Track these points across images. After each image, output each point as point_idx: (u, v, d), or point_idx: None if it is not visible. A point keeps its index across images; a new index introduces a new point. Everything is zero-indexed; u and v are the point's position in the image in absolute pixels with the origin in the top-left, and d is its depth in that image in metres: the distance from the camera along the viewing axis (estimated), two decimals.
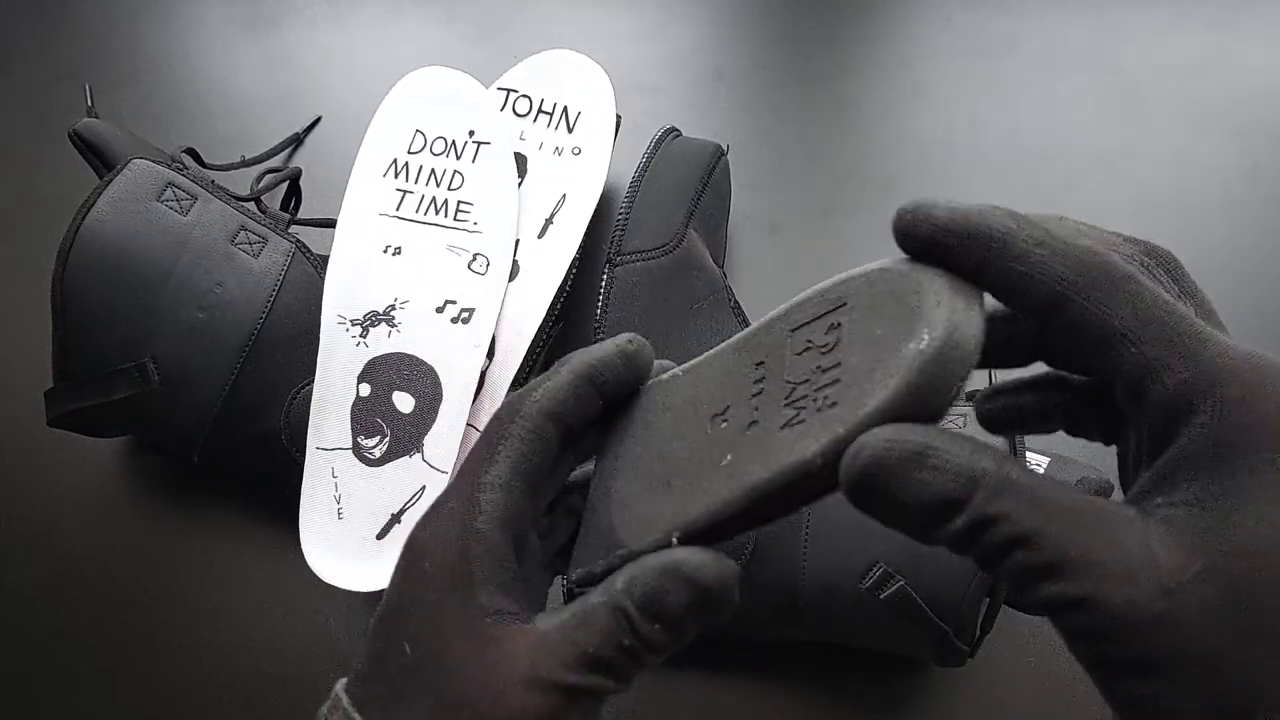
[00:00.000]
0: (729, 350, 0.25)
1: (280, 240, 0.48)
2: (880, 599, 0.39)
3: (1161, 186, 0.57)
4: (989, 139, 0.59)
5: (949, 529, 0.19)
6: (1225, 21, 0.63)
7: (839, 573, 0.40)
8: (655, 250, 0.48)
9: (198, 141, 0.52)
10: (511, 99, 0.51)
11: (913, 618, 0.39)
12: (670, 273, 0.47)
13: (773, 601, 0.41)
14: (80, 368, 0.44)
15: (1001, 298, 0.21)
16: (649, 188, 0.49)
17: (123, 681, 0.47)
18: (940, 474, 0.19)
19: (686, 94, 0.63)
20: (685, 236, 0.49)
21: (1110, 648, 0.18)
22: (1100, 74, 0.61)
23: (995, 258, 0.20)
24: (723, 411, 0.24)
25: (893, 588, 0.39)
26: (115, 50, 0.68)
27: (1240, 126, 0.59)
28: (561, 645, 0.22)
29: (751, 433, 0.23)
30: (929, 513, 0.19)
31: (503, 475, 0.24)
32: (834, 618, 0.41)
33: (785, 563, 0.41)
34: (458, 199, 0.48)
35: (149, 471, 0.52)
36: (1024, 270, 0.20)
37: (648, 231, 0.48)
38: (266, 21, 0.69)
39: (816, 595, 0.41)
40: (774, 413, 0.22)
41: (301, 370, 0.45)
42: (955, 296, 0.20)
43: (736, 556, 0.41)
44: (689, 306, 0.47)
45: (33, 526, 0.51)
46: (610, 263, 0.47)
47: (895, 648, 0.42)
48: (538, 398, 0.25)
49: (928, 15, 0.65)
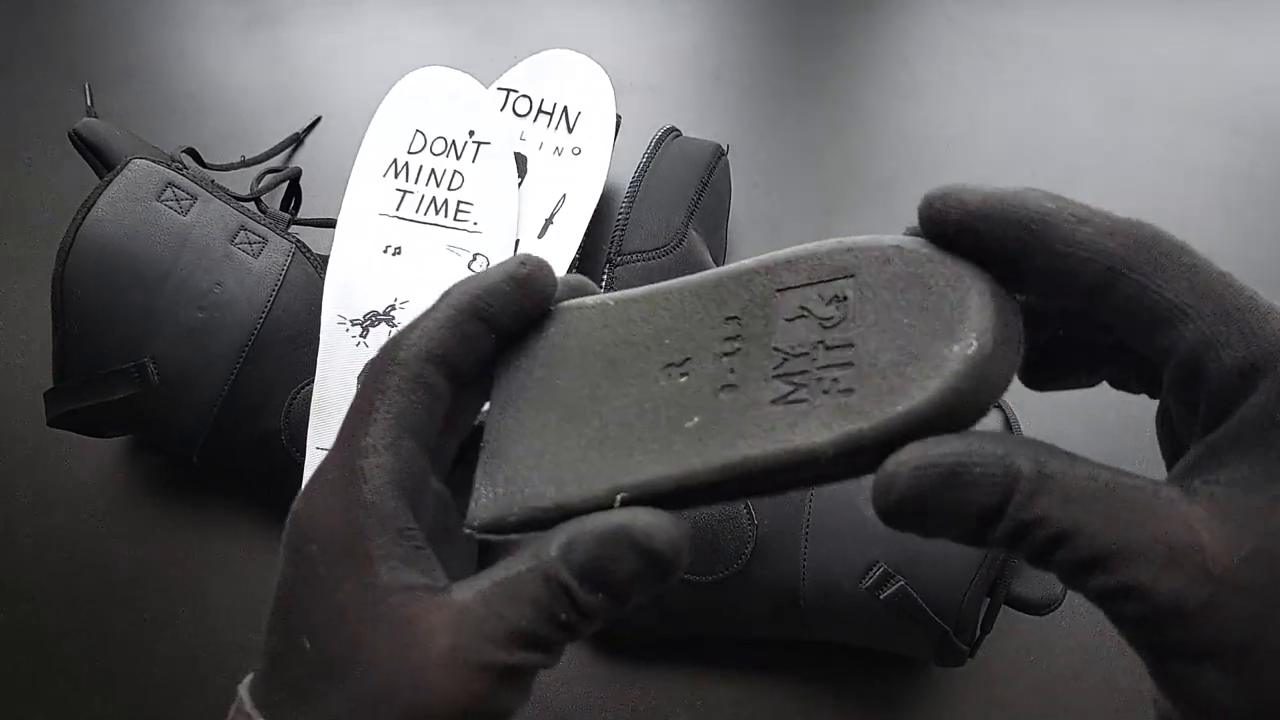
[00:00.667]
0: (686, 292, 0.22)
1: (280, 240, 0.48)
2: (880, 599, 0.39)
3: (1160, 186, 0.57)
4: (989, 139, 0.59)
5: (991, 537, 0.18)
6: (1225, 21, 0.63)
7: (839, 572, 0.40)
8: (655, 250, 0.48)
9: (198, 141, 0.52)
10: (511, 99, 0.51)
11: (913, 617, 0.39)
12: (671, 273, 0.47)
13: (773, 601, 0.41)
14: (80, 368, 0.44)
15: (1044, 284, 0.20)
16: (649, 188, 0.49)
17: (122, 681, 0.47)
18: (976, 489, 0.18)
19: (686, 94, 0.63)
20: (686, 236, 0.48)
21: (1158, 634, 0.18)
22: (1100, 74, 0.61)
23: (1038, 240, 0.19)
24: (680, 363, 0.21)
25: (893, 588, 0.39)
26: (115, 50, 0.68)
27: (1239, 126, 0.59)
28: (486, 620, 0.20)
29: (728, 397, 0.20)
30: (968, 529, 0.18)
31: (386, 434, 0.21)
32: (834, 617, 0.41)
33: (785, 562, 0.41)
34: (458, 199, 0.48)
35: (149, 471, 0.52)
36: (1069, 250, 0.19)
37: (648, 232, 0.48)
38: (266, 21, 0.69)
39: (817, 595, 0.41)
40: (760, 381, 0.20)
41: (301, 370, 0.45)
42: (999, 298, 0.19)
43: (736, 558, 0.41)
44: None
45: (33, 526, 0.51)
46: (610, 263, 0.47)
47: (895, 647, 0.42)
48: (414, 340, 0.22)
49: (928, 15, 0.65)
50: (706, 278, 0.22)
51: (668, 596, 0.41)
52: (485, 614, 0.20)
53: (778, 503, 0.41)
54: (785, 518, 0.41)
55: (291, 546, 0.22)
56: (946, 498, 0.18)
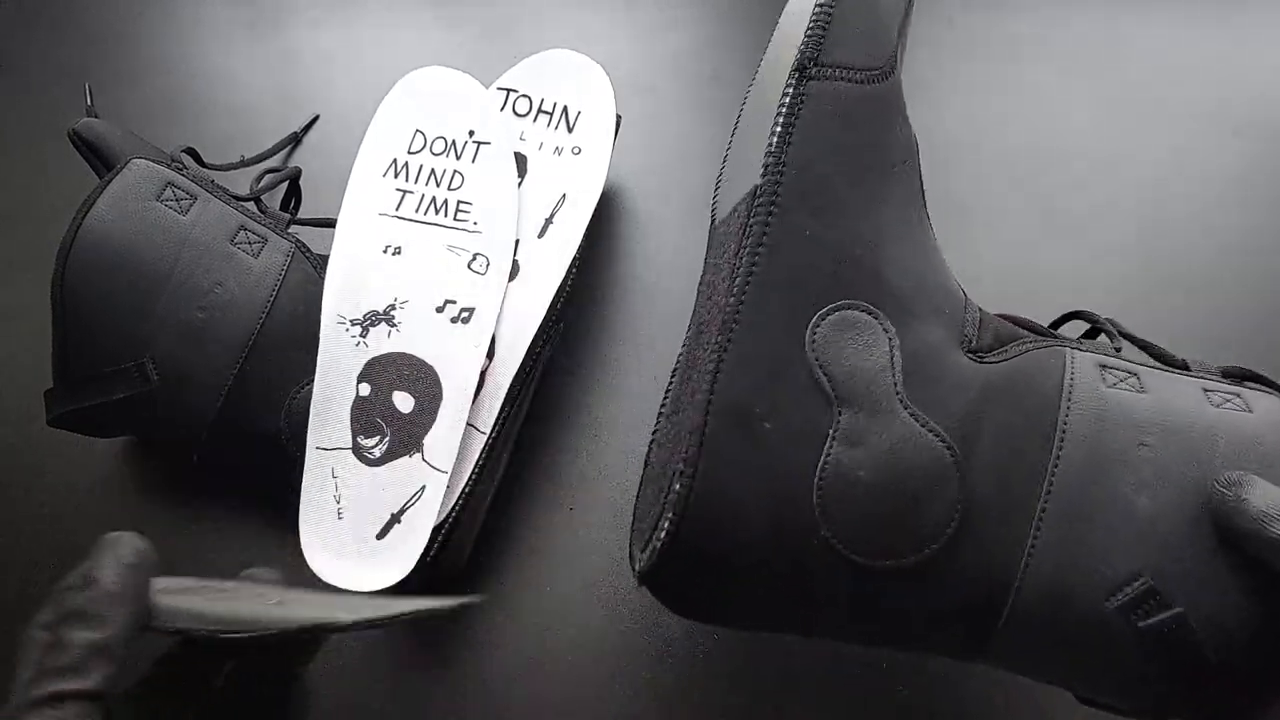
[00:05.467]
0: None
1: (280, 240, 0.48)
2: (1137, 626, 0.28)
3: (1161, 187, 0.57)
4: (989, 139, 0.59)
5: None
6: (1226, 21, 0.63)
7: (1079, 579, 0.29)
8: (866, 71, 0.34)
9: (198, 141, 0.52)
10: (511, 99, 0.51)
11: (1181, 660, 0.28)
12: (876, 110, 0.34)
13: (966, 604, 0.30)
14: (80, 368, 0.44)
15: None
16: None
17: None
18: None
19: (686, 94, 0.63)
20: (897, 64, 0.35)
21: None
22: (1100, 74, 0.61)
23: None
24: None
25: (1160, 615, 0.28)
26: (115, 50, 0.68)
27: (1240, 126, 0.59)
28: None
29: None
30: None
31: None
32: (1047, 642, 0.30)
33: (1000, 547, 0.30)
34: (458, 199, 0.48)
35: (149, 471, 0.52)
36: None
37: (860, 40, 0.34)
38: (267, 21, 0.69)
39: (1035, 605, 0.29)
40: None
41: (301, 370, 0.45)
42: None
43: (935, 534, 0.29)
44: (889, 166, 0.34)
45: (33, 526, 0.51)
46: (803, 73, 0.33)
47: (1120, 698, 0.31)
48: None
49: (928, 15, 0.65)
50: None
51: (828, 590, 0.30)
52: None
53: (1001, 461, 0.30)
54: (1011, 484, 0.30)
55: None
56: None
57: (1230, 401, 0.32)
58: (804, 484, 0.30)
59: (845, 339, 0.31)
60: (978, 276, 0.54)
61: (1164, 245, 0.54)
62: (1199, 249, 0.54)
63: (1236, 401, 0.32)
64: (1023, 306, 0.43)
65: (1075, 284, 0.53)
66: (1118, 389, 0.32)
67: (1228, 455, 0.30)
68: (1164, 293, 0.53)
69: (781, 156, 0.32)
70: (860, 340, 0.31)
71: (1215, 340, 0.51)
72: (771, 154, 0.32)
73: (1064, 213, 0.56)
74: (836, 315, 0.31)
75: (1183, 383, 0.33)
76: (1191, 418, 0.31)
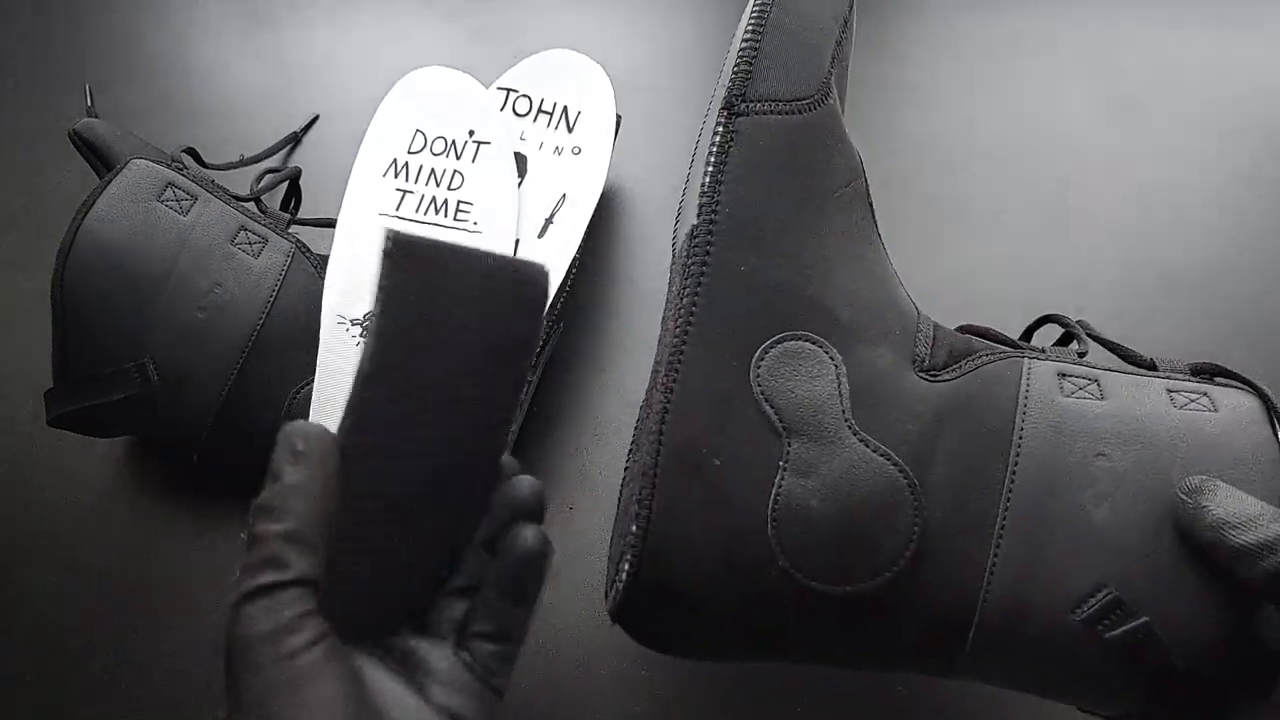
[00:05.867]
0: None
1: (280, 240, 0.48)
2: (1103, 638, 0.28)
3: (1160, 186, 0.57)
4: (989, 139, 0.59)
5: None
6: (1225, 22, 0.63)
7: (1042, 593, 0.29)
8: (794, 102, 0.33)
9: (198, 141, 0.52)
10: (511, 99, 0.51)
11: (1150, 670, 0.28)
12: (810, 139, 0.33)
13: (931, 627, 0.30)
14: (80, 368, 0.44)
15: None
16: (786, 9, 0.34)
17: (122, 681, 0.47)
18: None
19: (686, 94, 0.63)
20: (830, 91, 0.34)
21: None
22: (1100, 74, 0.61)
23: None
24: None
25: (1127, 625, 0.28)
26: (115, 50, 0.68)
27: (1239, 127, 0.59)
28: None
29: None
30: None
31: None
32: (1017, 656, 0.30)
33: (963, 568, 0.30)
34: (458, 199, 0.48)
35: (149, 471, 0.52)
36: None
37: (786, 72, 0.33)
38: (266, 21, 0.69)
39: (1001, 622, 0.29)
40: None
41: (301, 370, 0.45)
42: None
43: (892, 559, 0.30)
44: (830, 194, 0.34)
45: (32, 526, 0.51)
46: (731, 109, 0.33)
47: (1098, 706, 0.32)
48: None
49: (928, 15, 0.65)
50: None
51: (790, 619, 0.31)
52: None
53: (957, 480, 0.30)
54: (967, 503, 0.30)
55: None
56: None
57: (1195, 402, 0.32)
58: (757, 517, 0.30)
59: (790, 370, 0.31)
60: (974, 275, 0.54)
61: (1162, 245, 0.54)
62: (1197, 248, 0.54)
63: (1202, 401, 0.32)
64: (1020, 305, 0.43)
65: (1073, 283, 0.53)
66: (1076, 398, 0.32)
67: (1189, 460, 0.30)
68: (1162, 292, 0.53)
69: (715, 196, 0.32)
70: (805, 370, 0.31)
71: (1214, 339, 0.51)
72: (705, 194, 0.32)
73: (1062, 212, 0.56)
74: (779, 348, 0.32)
75: (1146, 386, 0.33)
76: (1152, 423, 0.31)
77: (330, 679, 0.24)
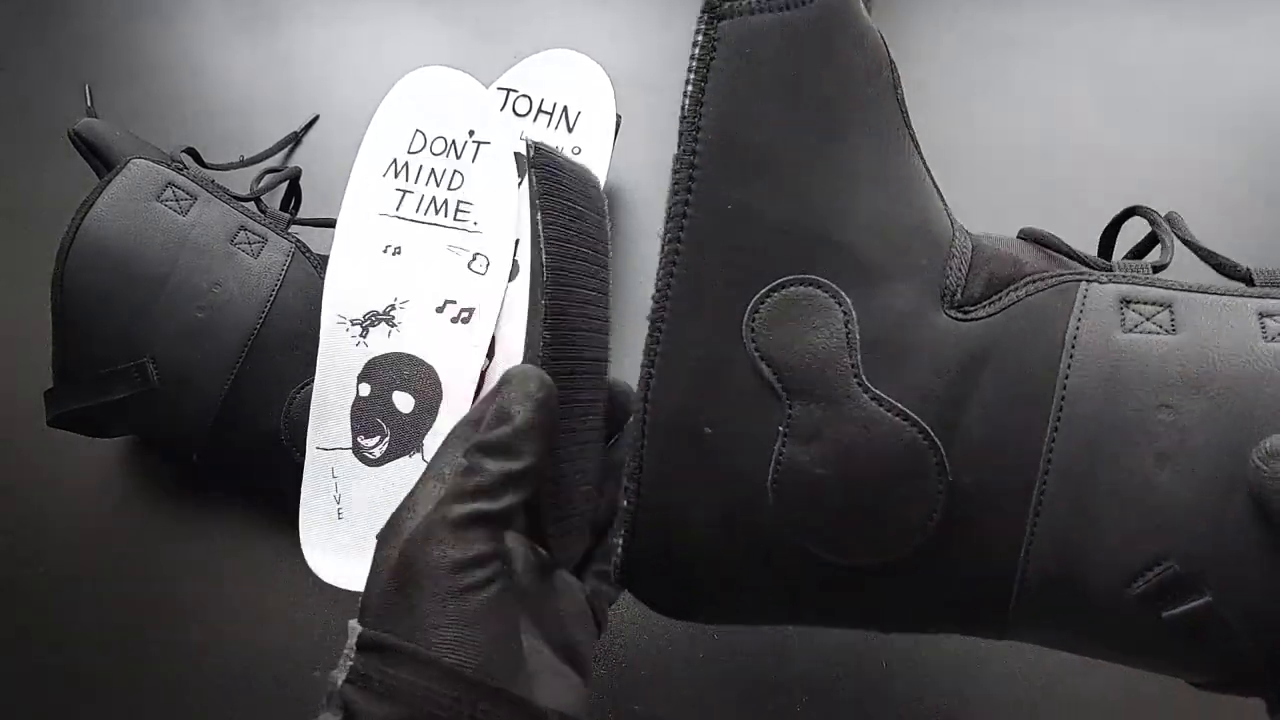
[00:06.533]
0: None
1: (280, 240, 0.48)
2: (1161, 617, 0.25)
3: (1160, 186, 0.57)
4: (989, 139, 0.59)
5: None
6: (1225, 21, 0.63)
7: (1092, 565, 0.25)
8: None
9: (198, 141, 0.52)
10: (511, 99, 0.51)
11: (1217, 653, 0.25)
12: (814, 39, 0.27)
13: (965, 599, 0.27)
14: (80, 368, 0.44)
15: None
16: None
17: (122, 681, 0.47)
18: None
19: None
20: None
21: None
22: (1100, 74, 0.61)
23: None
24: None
25: (1187, 604, 0.24)
26: (115, 50, 0.68)
27: (1239, 126, 0.59)
28: (443, 501, 0.26)
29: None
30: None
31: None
32: (1066, 628, 0.27)
33: (996, 538, 0.26)
34: (458, 199, 0.48)
35: (149, 471, 0.52)
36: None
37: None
38: (266, 21, 0.69)
39: (1043, 594, 0.26)
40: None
41: (301, 370, 0.45)
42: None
43: (916, 528, 0.26)
44: (844, 104, 0.28)
45: (32, 526, 0.51)
46: (712, 10, 0.27)
47: (1167, 673, 0.28)
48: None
49: (928, 15, 0.65)
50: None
51: (805, 589, 0.28)
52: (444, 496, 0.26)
53: (991, 438, 0.26)
54: (1001, 468, 0.26)
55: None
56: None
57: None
58: (755, 488, 0.27)
59: (790, 322, 0.27)
60: None
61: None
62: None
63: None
64: None
65: None
66: (1140, 331, 0.26)
67: (1273, 412, 0.24)
68: None
69: (696, 120, 0.27)
70: (809, 321, 0.27)
71: None
72: (685, 117, 0.27)
73: (1061, 212, 0.56)
74: (778, 295, 0.27)
75: (1234, 310, 0.27)
76: (1233, 363, 0.25)
77: (499, 621, 0.25)
